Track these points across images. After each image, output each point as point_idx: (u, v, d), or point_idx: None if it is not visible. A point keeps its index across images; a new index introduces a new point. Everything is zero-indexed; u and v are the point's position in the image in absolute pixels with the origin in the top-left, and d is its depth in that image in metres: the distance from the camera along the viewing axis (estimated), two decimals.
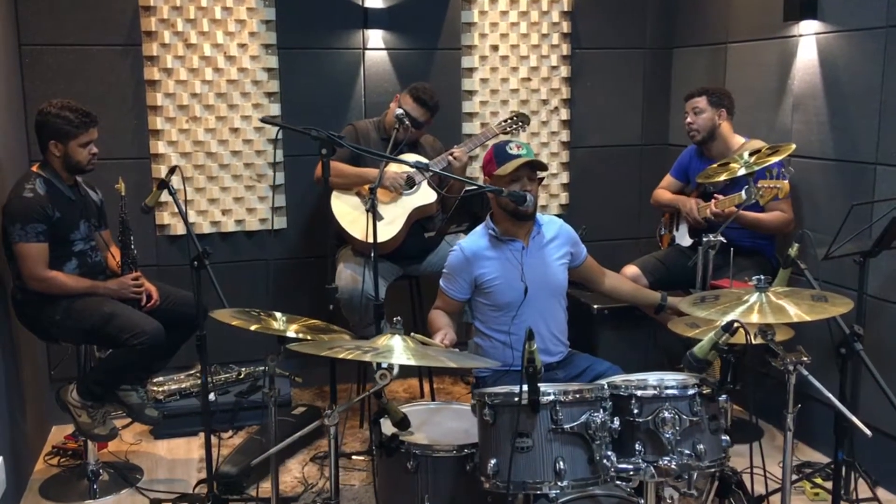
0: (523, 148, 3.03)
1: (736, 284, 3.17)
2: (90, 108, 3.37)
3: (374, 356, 2.11)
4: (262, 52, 4.33)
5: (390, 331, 2.28)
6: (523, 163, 2.96)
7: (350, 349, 2.11)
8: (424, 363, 2.13)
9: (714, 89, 3.94)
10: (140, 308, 3.49)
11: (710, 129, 3.90)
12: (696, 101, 3.93)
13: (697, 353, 2.24)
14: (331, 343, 2.22)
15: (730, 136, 3.92)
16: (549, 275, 3.10)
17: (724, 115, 3.90)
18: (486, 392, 2.27)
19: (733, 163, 3.33)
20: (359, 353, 2.08)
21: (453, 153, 3.97)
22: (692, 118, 3.94)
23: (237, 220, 4.44)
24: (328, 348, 2.12)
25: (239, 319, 2.53)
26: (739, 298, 2.36)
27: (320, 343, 2.26)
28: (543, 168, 3.08)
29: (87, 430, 3.46)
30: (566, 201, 4.93)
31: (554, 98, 4.80)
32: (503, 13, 4.64)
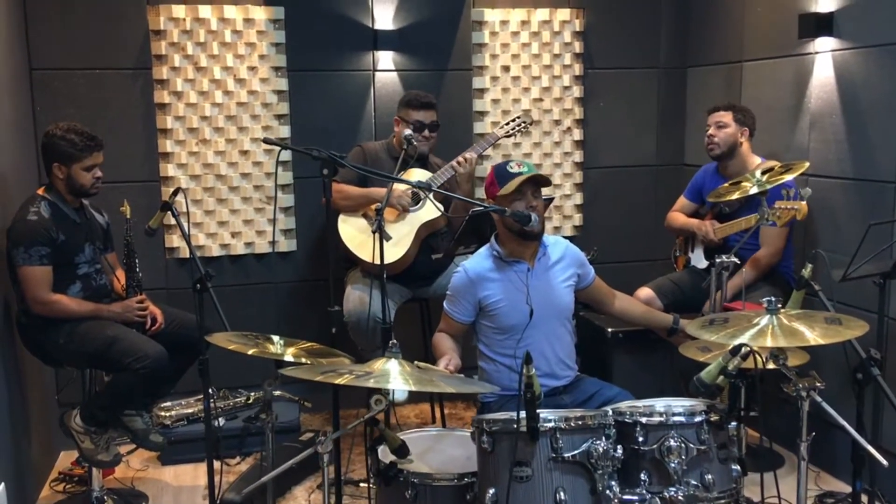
0: (524, 165, 2.98)
1: (750, 306, 3.08)
2: (99, 131, 3.37)
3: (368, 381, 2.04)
4: (271, 75, 4.32)
5: (387, 355, 2.22)
6: (525, 179, 2.90)
7: (345, 374, 2.05)
8: (422, 388, 2.06)
9: (741, 107, 3.87)
10: (145, 332, 3.46)
11: (730, 145, 3.82)
12: (721, 116, 3.85)
13: (705, 379, 2.15)
14: (326, 367, 2.16)
15: (748, 156, 3.84)
16: (555, 297, 3.02)
17: (747, 135, 3.82)
18: (484, 419, 2.20)
19: (745, 181, 3.24)
20: (353, 378, 2.02)
21: (458, 159, 3.93)
22: (714, 131, 3.86)
23: (246, 242, 4.41)
24: (322, 373, 2.06)
25: (236, 343, 2.48)
26: (749, 321, 2.27)
27: (315, 367, 2.20)
28: (546, 183, 3.01)
29: (91, 457, 3.42)
30: (580, 222, 4.85)
31: (567, 118, 4.74)
32: (514, 34, 4.61)
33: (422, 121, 3.95)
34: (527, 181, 2.92)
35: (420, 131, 3.93)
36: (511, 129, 4.12)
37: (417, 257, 3.90)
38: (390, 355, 2.21)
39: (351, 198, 3.87)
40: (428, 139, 3.96)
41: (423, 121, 3.95)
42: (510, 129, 4.12)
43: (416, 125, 3.94)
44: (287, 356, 2.50)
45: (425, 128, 3.96)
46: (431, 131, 4.00)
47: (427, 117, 3.98)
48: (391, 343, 2.24)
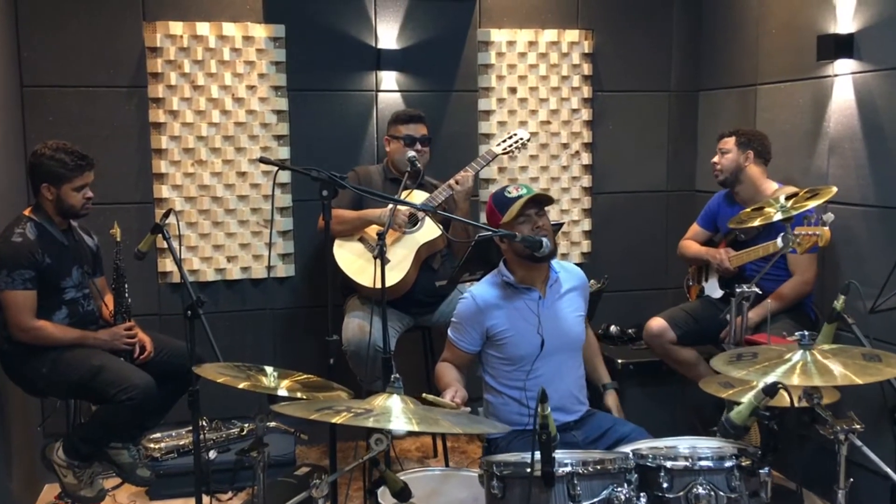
0: (522, 188, 2.83)
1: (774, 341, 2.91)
2: (92, 151, 3.23)
3: (368, 420, 1.87)
4: (271, 94, 4.18)
5: (388, 390, 2.05)
6: (526, 201, 2.75)
7: (342, 411, 1.87)
8: (426, 429, 1.89)
9: (746, 131, 3.75)
10: (133, 360, 3.30)
11: (733, 171, 3.71)
12: (725, 142, 3.76)
13: (735, 419, 1.98)
14: (322, 404, 1.98)
15: (760, 181, 3.69)
16: (567, 327, 2.86)
17: (752, 158, 3.68)
18: (494, 461, 2.02)
19: (768, 207, 3.08)
20: (352, 416, 1.85)
21: (454, 178, 3.78)
22: (718, 158, 3.78)
23: (243, 267, 4.25)
24: (317, 410, 1.89)
25: (226, 376, 2.31)
26: (781, 357, 2.10)
27: (310, 404, 2.03)
28: (549, 201, 2.86)
29: (73, 492, 3.25)
30: (588, 249, 4.69)
31: (575, 142, 4.60)
32: (521, 55, 4.48)
33: (412, 134, 3.82)
34: (528, 203, 2.77)
35: (412, 145, 3.79)
36: (508, 147, 3.96)
37: (418, 282, 3.74)
38: (392, 390, 2.03)
39: (346, 221, 3.72)
40: (420, 153, 3.81)
41: (413, 134, 3.82)
42: (507, 147, 3.96)
43: (407, 140, 3.80)
44: (281, 390, 2.33)
45: (416, 141, 3.82)
46: (423, 145, 3.85)
47: (416, 130, 3.84)
48: (393, 377, 2.07)
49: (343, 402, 1.99)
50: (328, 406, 1.91)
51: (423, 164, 3.86)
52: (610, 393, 3.07)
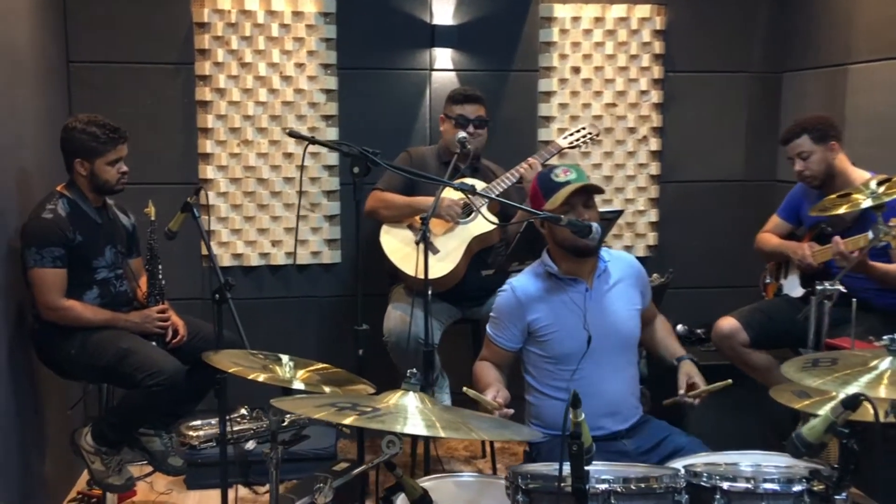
0: (572, 171, 2.55)
1: (859, 346, 2.56)
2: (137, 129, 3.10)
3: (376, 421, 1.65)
4: (320, 73, 4.00)
5: (403, 387, 1.82)
6: (574, 190, 2.47)
7: (346, 410, 1.65)
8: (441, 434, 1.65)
9: (812, 122, 3.34)
10: (165, 344, 3.16)
11: (826, 170, 3.31)
12: (798, 145, 3.33)
13: (807, 436, 1.68)
14: (327, 400, 1.77)
15: (850, 168, 3.31)
16: (618, 322, 2.58)
17: (837, 147, 3.30)
18: (520, 472, 1.77)
19: (857, 193, 2.73)
20: (356, 416, 1.63)
21: (523, 164, 3.52)
22: (801, 164, 3.34)
23: (287, 252, 4.09)
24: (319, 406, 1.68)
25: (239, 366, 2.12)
26: (865, 364, 1.79)
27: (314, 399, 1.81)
28: (598, 192, 2.58)
29: (101, 479, 3.13)
30: (654, 242, 4.37)
31: (643, 126, 4.28)
32: (587, 31, 4.18)
33: (465, 115, 3.58)
34: (576, 192, 2.49)
35: (464, 127, 3.55)
36: (575, 141, 3.71)
37: (468, 274, 3.51)
38: (407, 387, 1.80)
39: (394, 207, 3.51)
40: (473, 136, 3.56)
41: (466, 115, 3.58)
42: (574, 141, 3.71)
43: (459, 120, 3.57)
44: (297, 382, 2.12)
45: (469, 123, 3.57)
46: (477, 127, 3.60)
47: (471, 112, 3.60)
48: (409, 373, 1.84)
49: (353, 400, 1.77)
50: (333, 403, 1.69)
51: (477, 148, 3.63)
52: (684, 363, 2.69)
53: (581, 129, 3.76)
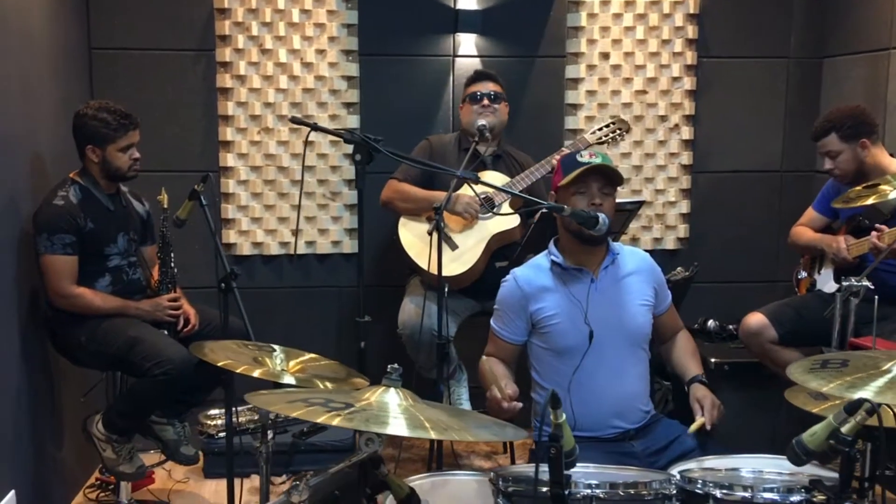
0: (597, 156, 2.44)
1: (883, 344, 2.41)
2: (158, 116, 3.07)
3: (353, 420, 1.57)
4: (341, 59, 3.94)
5: (384, 383, 1.74)
6: (586, 169, 2.37)
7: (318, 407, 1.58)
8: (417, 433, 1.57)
9: (841, 118, 3.15)
10: (176, 333, 3.14)
11: (857, 169, 3.14)
12: (827, 143, 3.16)
13: (808, 443, 1.56)
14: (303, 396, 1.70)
15: (886, 162, 3.12)
16: (625, 316, 2.47)
17: (868, 144, 3.11)
18: (503, 474, 1.69)
19: (885, 184, 2.57)
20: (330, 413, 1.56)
21: (561, 152, 3.43)
22: (830, 163, 3.19)
23: (308, 241, 4.04)
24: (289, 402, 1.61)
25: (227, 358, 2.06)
26: (878, 367, 1.66)
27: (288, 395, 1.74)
28: (617, 179, 2.46)
29: (112, 467, 3.13)
30: (685, 234, 4.22)
31: (675, 114, 4.13)
32: (616, 16, 4.04)
33: (479, 90, 3.49)
34: (593, 174, 2.38)
35: (479, 102, 3.45)
36: (603, 137, 3.61)
37: (487, 270, 3.42)
38: (388, 383, 1.73)
39: (411, 199, 3.44)
40: (488, 110, 3.47)
41: (480, 90, 3.49)
42: (602, 136, 3.60)
43: (472, 96, 3.48)
44: (287, 376, 2.07)
45: (484, 97, 3.48)
46: (493, 101, 3.50)
47: (485, 87, 3.52)
48: (390, 368, 1.77)
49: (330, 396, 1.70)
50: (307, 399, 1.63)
51: (495, 127, 3.51)
52: (694, 388, 2.53)
53: (610, 123, 3.65)
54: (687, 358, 2.67)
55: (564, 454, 1.51)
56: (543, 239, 3.09)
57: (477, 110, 3.47)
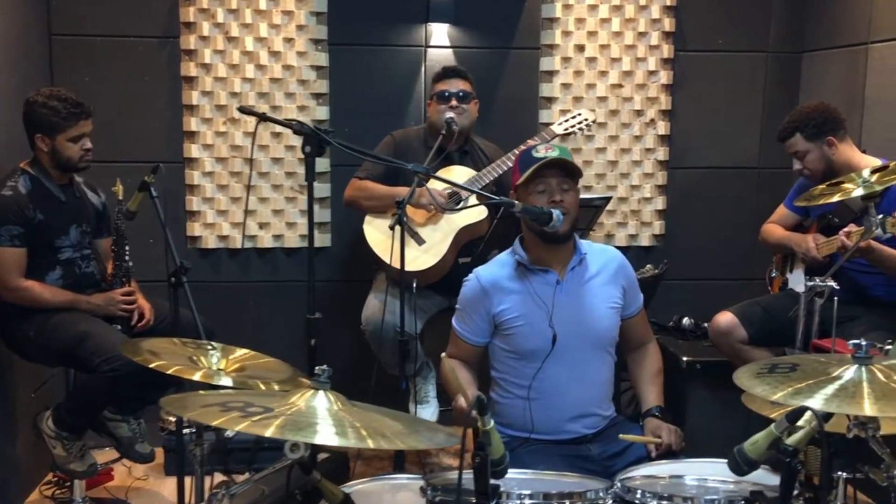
0: (554, 149, 2.35)
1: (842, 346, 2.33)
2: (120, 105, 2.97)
3: (270, 427, 1.49)
4: (310, 48, 3.85)
5: (312, 384, 1.66)
6: (543, 165, 2.29)
7: (234, 413, 1.50)
8: (338, 441, 1.48)
9: (803, 116, 3.08)
10: (130, 328, 3.06)
11: (825, 168, 3.06)
12: (793, 144, 3.09)
13: (749, 452, 1.49)
14: (215, 398, 1.62)
15: (855, 159, 3.04)
16: (591, 319, 2.38)
17: (835, 141, 3.03)
18: (432, 481, 1.61)
19: (848, 182, 2.49)
20: (249, 422, 1.47)
21: (527, 144, 3.34)
22: (798, 164, 3.12)
23: (275, 235, 3.96)
24: (203, 407, 1.53)
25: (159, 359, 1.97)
26: (826, 373, 1.58)
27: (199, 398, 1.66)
28: (575, 172, 2.37)
29: (63, 465, 3.05)
30: (660, 231, 4.14)
31: (651, 109, 4.05)
32: (592, 7, 3.96)
33: (448, 90, 3.40)
34: (551, 169, 2.30)
35: (447, 102, 3.37)
36: (571, 127, 3.51)
37: (455, 265, 3.34)
38: (317, 385, 1.65)
39: (375, 196, 3.36)
40: (457, 111, 3.39)
41: (448, 89, 3.40)
42: (570, 127, 3.51)
43: (441, 94, 3.39)
44: (222, 377, 1.98)
45: (452, 97, 3.40)
46: (461, 101, 3.42)
47: (453, 86, 3.43)
48: (318, 370, 1.68)
49: (251, 399, 1.61)
50: (227, 404, 1.54)
51: (464, 127, 3.44)
52: (648, 421, 2.41)
53: (577, 114, 3.57)
54: (648, 384, 2.53)
55: (492, 463, 1.43)
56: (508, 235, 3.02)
57: (443, 110, 3.38)
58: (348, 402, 1.68)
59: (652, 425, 2.34)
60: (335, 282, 4.02)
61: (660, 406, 2.41)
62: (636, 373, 2.53)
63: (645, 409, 2.42)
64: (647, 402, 2.45)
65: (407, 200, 2.83)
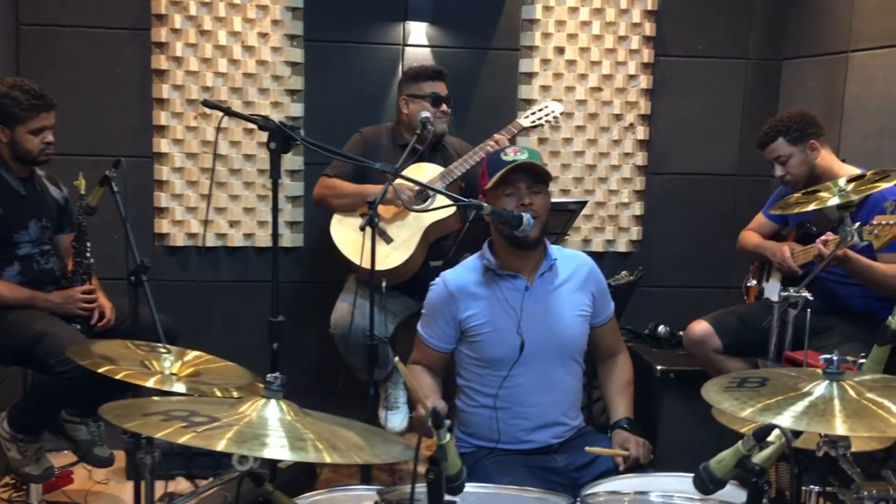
0: (523, 152, 2.29)
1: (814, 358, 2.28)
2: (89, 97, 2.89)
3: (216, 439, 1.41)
4: (285, 44, 3.78)
5: (265, 394, 1.59)
6: (511, 169, 2.23)
7: (178, 423, 1.42)
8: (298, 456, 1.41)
9: (785, 121, 3.05)
10: (90, 328, 2.97)
11: (808, 173, 3.03)
12: (775, 149, 3.05)
13: (715, 470, 1.44)
14: (157, 407, 1.54)
15: (836, 166, 3.01)
16: (559, 327, 2.32)
17: (817, 145, 3.00)
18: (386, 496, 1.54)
19: (824, 191, 2.45)
20: (192, 433, 1.39)
21: (492, 140, 3.30)
22: (780, 169, 3.08)
23: (246, 233, 3.88)
24: (144, 415, 1.45)
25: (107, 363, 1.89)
26: (796, 388, 1.53)
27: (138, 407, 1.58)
28: (545, 176, 2.31)
29: (18, 468, 2.95)
30: (637, 237, 4.10)
31: (630, 113, 4.00)
32: (572, 9, 3.91)
33: (438, 93, 3.34)
34: (520, 173, 2.24)
35: (438, 105, 3.32)
36: (538, 119, 3.45)
37: (425, 266, 3.28)
38: (269, 394, 1.57)
39: (345, 195, 3.30)
40: (445, 114, 3.36)
41: (439, 92, 3.35)
42: (536, 120, 3.45)
43: (433, 98, 3.33)
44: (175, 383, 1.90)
45: (442, 101, 3.34)
46: (449, 105, 3.39)
47: (442, 89, 3.38)
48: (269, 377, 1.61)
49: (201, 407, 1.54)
50: (170, 413, 1.47)
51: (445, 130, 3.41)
52: (616, 434, 2.34)
53: (545, 106, 3.50)
54: (617, 395, 2.46)
55: (448, 478, 1.36)
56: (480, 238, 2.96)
57: (421, 109, 3.31)
58: (302, 411, 1.61)
59: (620, 438, 2.28)
60: (306, 283, 3.95)
61: (629, 418, 2.35)
62: (606, 383, 2.48)
63: (613, 421, 2.37)
64: (616, 413, 2.39)
65: (379, 201, 2.76)
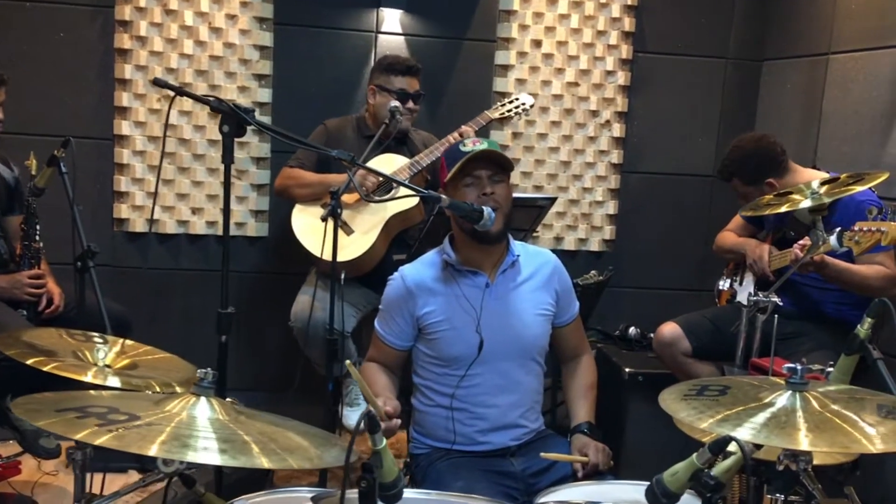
0: (482, 142, 2.20)
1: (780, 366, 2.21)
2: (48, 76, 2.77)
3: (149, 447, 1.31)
4: (254, 27, 3.67)
5: (194, 391, 1.49)
6: (470, 158, 2.14)
7: (98, 421, 1.32)
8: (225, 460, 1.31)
9: (740, 159, 3.01)
10: (37, 314, 2.86)
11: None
12: (732, 186, 3.06)
13: (668, 483, 1.35)
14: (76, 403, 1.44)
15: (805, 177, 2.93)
16: (520, 326, 2.23)
17: (774, 183, 2.92)
18: (320, 501, 1.45)
19: (797, 193, 2.38)
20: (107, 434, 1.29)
21: (458, 131, 3.21)
22: (741, 201, 3.05)
23: (209, 221, 3.76)
24: (59, 410, 1.35)
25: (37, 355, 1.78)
26: (758, 398, 1.45)
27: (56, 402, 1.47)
28: (506, 165, 2.22)
29: None
30: (611, 236, 4.02)
31: (606, 110, 3.92)
32: (551, 1, 3.83)
33: (406, 89, 3.25)
34: (480, 162, 2.15)
35: (404, 102, 3.22)
36: (507, 112, 3.38)
37: (387, 257, 3.18)
38: (199, 391, 1.47)
39: (307, 184, 3.21)
40: (412, 112, 3.27)
41: (407, 89, 3.25)
42: (506, 112, 3.38)
43: (400, 94, 3.23)
44: (110, 375, 1.80)
45: (409, 98, 3.25)
46: (416, 102, 3.30)
47: (412, 85, 3.29)
48: (200, 373, 1.51)
49: (122, 404, 1.44)
50: (86, 409, 1.36)
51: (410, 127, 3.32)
52: (575, 439, 2.24)
53: (515, 98, 3.42)
54: (579, 398, 2.36)
55: (383, 486, 1.27)
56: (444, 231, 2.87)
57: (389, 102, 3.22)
58: (236, 409, 1.51)
59: (579, 443, 2.19)
60: (270, 273, 3.85)
61: (590, 422, 2.27)
62: (568, 385, 2.39)
63: (574, 425, 2.28)
64: (576, 417, 2.31)
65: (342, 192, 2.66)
